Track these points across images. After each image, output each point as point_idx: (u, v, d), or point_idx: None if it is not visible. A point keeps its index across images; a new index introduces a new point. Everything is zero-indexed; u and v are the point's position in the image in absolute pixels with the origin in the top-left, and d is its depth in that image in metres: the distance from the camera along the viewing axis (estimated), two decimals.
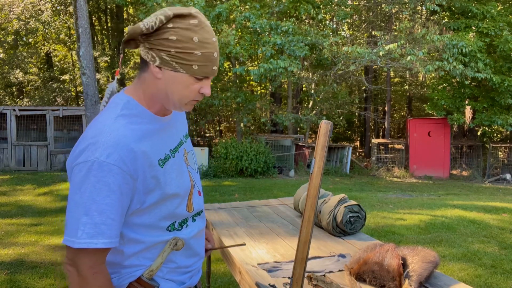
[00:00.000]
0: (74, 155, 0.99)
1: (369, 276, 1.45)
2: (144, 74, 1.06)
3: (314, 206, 1.21)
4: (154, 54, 1.00)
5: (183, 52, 0.98)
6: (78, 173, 0.96)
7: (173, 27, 0.98)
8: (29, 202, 6.72)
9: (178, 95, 1.04)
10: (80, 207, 0.95)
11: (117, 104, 1.05)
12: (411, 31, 11.47)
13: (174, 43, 0.98)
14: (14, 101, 20.17)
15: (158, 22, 0.97)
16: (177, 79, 1.02)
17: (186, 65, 1.00)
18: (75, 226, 0.95)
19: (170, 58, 0.99)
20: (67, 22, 18.97)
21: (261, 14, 11.52)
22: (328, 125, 1.23)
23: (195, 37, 0.99)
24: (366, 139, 18.99)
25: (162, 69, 1.01)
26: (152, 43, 1.00)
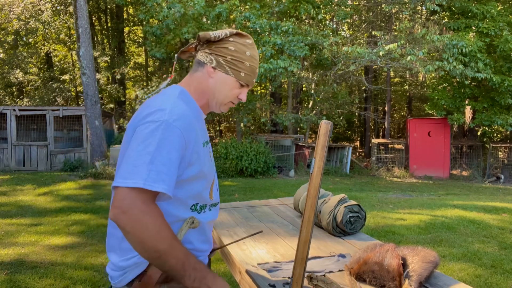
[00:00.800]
0: (140, 117, 1.15)
1: (369, 276, 1.45)
2: (198, 73, 1.28)
3: (314, 206, 1.21)
4: (212, 58, 1.25)
5: (236, 60, 1.25)
6: (144, 129, 1.10)
7: (233, 40, 1.25)
8: (29, 202, 6.72)
9: (222, 94, 1.28)
10: (144, 156, 1.06)
11: (173, 91, 1.25)
12: (411, 31, 11.47)
13: (231, 52, 1.24)
14: (14, 101, 20.16)
15: (223, 34, 1.24)
16: (226, 80, 1.26)
17: (236, 71, 1.25)
18: (137, 170, 1.04)
19: (226, 63, 1.25)
20: (67, 22, 18.96)
21: (261, 14, 11.52)
22: (328, 125, 1.23)
23: (247, 52, 1.26)
24: (366, 139, 18.99)
25: (216, 70, 1.26)
26: (213, 49, 1.25)
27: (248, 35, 1.28)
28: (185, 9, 10.56)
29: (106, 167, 9.57)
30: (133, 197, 1.04)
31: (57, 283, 3.42)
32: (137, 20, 18.36)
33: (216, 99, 1.28)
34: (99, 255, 4.15)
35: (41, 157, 11.17)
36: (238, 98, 1.30)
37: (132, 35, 22.57)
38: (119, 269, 1.20)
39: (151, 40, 13.34)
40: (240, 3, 11.57)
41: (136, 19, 18.40)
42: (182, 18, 10.84)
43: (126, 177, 1.04)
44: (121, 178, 1.05)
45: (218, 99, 1.28)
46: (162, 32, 11.62)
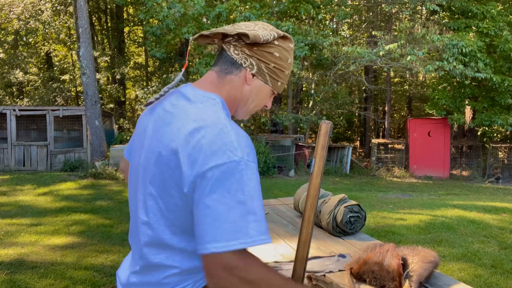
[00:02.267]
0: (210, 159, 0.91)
1: (369, 276, 1.45)
2: (232, 76, 1.08)
3: (314, 206, 1.21)
4: (253, 62, 1.07)
5: (279, 68, 1.09)
6: (221, 175, 0.90)
7: (279, 45, 1.08)
8: (29, 202, 6.72)
9: (255, 103, 1.13)
10: (237, 207, 0.89)
11: (215, 103, 1.03)
12: (411, 31, 11.47)
13: (276, 59, 1.08)
14: (14, 101, 20.17)
15: (272, 37, 1.06)
16: (263, 89, 1.11)
17: (275, 80, 1.11)
18: (237, 227, 0.88)
19: (267, 70, 1.08)
20: (67, 22, 18.96)
21: (261, 14, 11.52)
22: (328, 125, 1.23)
23: (290, 59, 1.12)
24: (366, 139, 18.99)
25: (255, 77, 1.09)
26: (255, 52, 1.06)
27: (291, 38, 1.12)
28: (185, 9, 10.56)
29: (106, 167, 9.57)
30: (233, 260, 0.89)
31: (57, 283, 3.42)
32: (137, 20, 18.36)
33: (247, 107, 1.13)
34: (99, 255, 4.16)
35: (41, 157, 11.17)
36: (264, 106, 1.16)
37: (132, 35, 22.58)
38: None
39: (151, 40, 13.34)
40: (240, 3, 11.57)
41: (136, 19, 18.40)
42: (182, 18, 10.84)
43: (229, 239, 0.88)
44: (223, 241, 0.88)
45: (249, 107, 1.13)
46: (162, 32, 11.62)
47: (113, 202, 6.85)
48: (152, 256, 1.04)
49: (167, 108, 1.05)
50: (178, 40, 13.20)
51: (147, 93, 14.61)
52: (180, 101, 1.04)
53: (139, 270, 1.08)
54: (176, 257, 1.03)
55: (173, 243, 1.02)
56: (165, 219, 1.01)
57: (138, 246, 1.08)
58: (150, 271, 1.06)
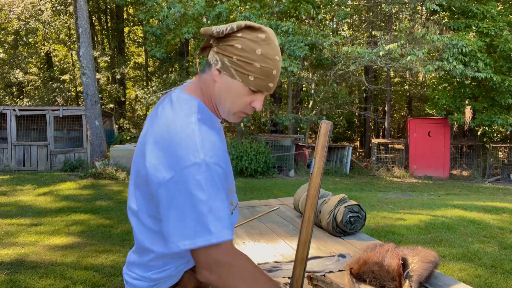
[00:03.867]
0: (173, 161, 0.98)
1: (369, 276, 1.45)
2: (205, 75, 1.10)
3: (314, 206, 1.21)
4: (218, 58, 1.06)
5: (243, 61, 1.03)
6: (184, 178, 0.96)
7: (241, 36, 1.03)
8: (29, 202, 6.72)
9: (229, 102, 1.08)
10: (199, 207, 0.96)
11: (191, 106, 1.07)
12: (411, 31, 11.47)
13: (238, 51, 1.03)
14: (14, 101, 20.17)
15: (229, 29, 1.03)
16: (232, 86, 1.06)
17: (243, 74, 1.04)
18: (201, 225, 0.95)
19: (231, 64, 1.04)
20: (67, 22, 18.97)
21: (261, 14, 11.52)
22: (328, 125, 1.24)
23: (258, 50, 1.03)
24: (366, 139, 18.99)
25: (221, 73, 1.06)
26: (220, 47, 1.05)
27: (262, 28, 1.05)
28: (185, 9, 10.56)
29: (106, 167, 9.57)
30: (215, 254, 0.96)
31: (57, 283, 3.42)
32: (137, 20, 18.36)
33: (223, 107, 1.10)
34: (99, 255, 4.16)
35: (41, 157, 11.17)
36: (251, 106, 1.09)
37: (132, 35, 22.58)
38: (150, 280, 1.16)
39: (151, 40, 13.34)
40: (240, 3, 11.57)
41: (136, 19, 18.40)
42: (182, 18, 10.84)
43: (194, 237, 0.95)
44: (189, 239, 0.95)
45: (225, 107, 1.09)
46: (162, 32, 11.62)
47: (113, 202, 6.85)
48: (141, 239, 1.13)
49: (158, 111, 1.12)
50: (178, 40, 13.21)
51: (147, 93, 14.61)
52: (167, 104, 1.11)
53: (135, 250, 1.19)
54: (159, 242, 1.11)
55: (156, 228, 1.10)
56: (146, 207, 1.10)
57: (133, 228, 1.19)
58: (141, 253, 1.16)
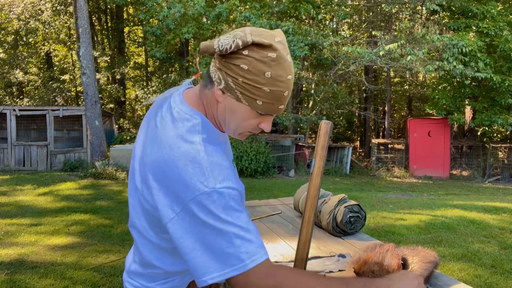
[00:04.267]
0: (179, 191, 0.90)
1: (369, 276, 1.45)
2: (207, 91, 0.99)
3: (314, 206, 1.21)
4: (221, 76, 0.94)
5: (250, 84, 0.91)
6: (198, 211, 0.89)
7: (248, 55, 0.90)
8: (29, 202, 6.72)
9: (234, 124, 0.99)
10: (218, 237, 0.88)
11: (194, 125, 0.97)
12: (411, 31, 11.47)
13: (244, 73, 0.90)
14: (14, 101, 20.17)
15: (234, 46, 0.89)
16: (238, 109, 0.95)
17: (250, 98, 0.93)
18: (226, 255, 0.88)
19: (236, 86, 0.92)
20: (67, 22, 18.97)
21: (261, 14, 11.52)
22: (328, 125, 1.23)
23: (267, 72, 0.90)
24: (366, 139, 18.99)
25: (225, 94, 0.95)
26: (222, 64, 0.93)
27: (272, 45, 0.90)
28: (185, 9, 10.56)
29: (106, 167, 9.57)
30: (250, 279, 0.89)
31: (57, 283, 3.42)
32: (137, 20, 18.37)
33: (227, 127, 1.01)
34: (99, 255, 4.16)
35: (41, 157, 11.17)
36: (258, 127, 1.00)
37: (132, 35, 22.59)
38: None
39: (151, 40, 13.35)
40: (240, 3, 11.57)
41: (136, 19, 18.41)
42: (182, 18, 10.85)
43: (223, 268, 0.88)
44: (217, 271, 0.88)
45: (230, 128, 1.00)
46: (162, 32, 11.63)
47: (113, 202, 6.85)
48: (145, 254, 1.09)
49: (158, 122, 1.02)
50: (178, 40, 13.21)
51: (147, 93, 14.61)
52: (167, 116, 1.01)
53: (138, 263, 1.14)
54: (165, 259, 1.07)
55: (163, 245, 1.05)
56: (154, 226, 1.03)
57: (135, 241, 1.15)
58: (145, 266, 1.12)
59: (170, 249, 1.05)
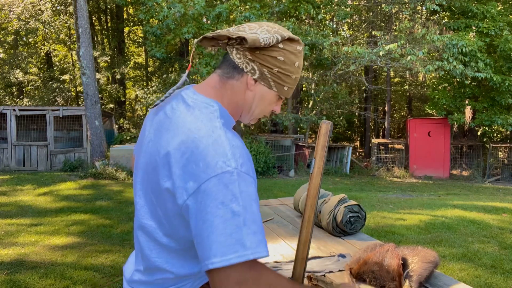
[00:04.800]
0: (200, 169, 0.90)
1: (369, 276, 1.45)
2: (233, 81, 1.04)
3: (314, 206, 1.21)
4: (255, 67, 1.02)
5: (283, 73, 1.03)
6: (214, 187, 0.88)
7: (283, 48, 1.02)
8: (29, 202, 6.72)
9: (260, 109, 1.08)
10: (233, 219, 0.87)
11: (212, 111, 1.00)
12: (411, 31, 11.47)
13: (280, 63, 1.02)
14: (14, 101, 20.17)
15: (275, 40, 1.00)
16: (267, 95, 1.06)
17: (280, 85, 1.05)
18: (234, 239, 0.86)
19: (271, 75, 1.03)
20: (67, 22, 18.97)
21: (261, 14, 11.52)
22: (328, 125, 1.24)
23: (297, 62, 1.05)
24: (366, 139, 18.99)
25: (257, 83, 1.04)
26: (257, 56, 1.02)
27: (299, 40, 1.06)
28: (185, 9, 10.56)
29: (106, 167, 9.57)
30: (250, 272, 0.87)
31: (57, 283, 3.42)
32: (137, 20, 18.36)
33: (251, 113, 1.09)
34: (99, 255, 4.16)
35: (41, 157, 11.17)
36: (272, 110, 1.12)
37: (132, 35, 22.59)
38: None
39: (151, 40, 13.34)
40: (240, 3, 11.57)
41: (136, 19, 18.40)
42: (182, 18, 10.84)
43: (226, 253, 0.85)
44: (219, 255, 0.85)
45: (254, 113, 1.09)
46: (162, 32, 11.62)
47: (113, 202, 6.85)
48: (153, 258, 1.05)
49: (168, 112, 1.04)
50: (178, 40, 13.21)
51: (147, 93, 14.61)
52: (179, 105, 1.03)
53: (143, 270, 1.10)
54: (174, 262, 1.05)
55: (172, 246, 1.03)
56: (162, 226, 1.02)
57: (140, 246, 1.10)
58: (151, 272, 1.08)
59: (179, 250, 1.04)
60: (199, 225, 0.88)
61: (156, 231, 1.03)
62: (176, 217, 0.97)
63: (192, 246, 1.01)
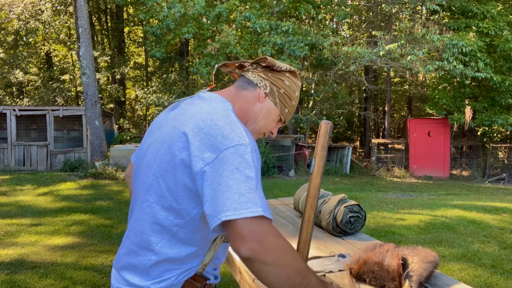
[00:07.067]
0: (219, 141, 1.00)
1: (369, 276, 1.45)
2: (247, 92, 1.22)
3: (314, 206, 1.21)
4: (267, 84, 1.22)
5: (287, 96, 1.24)
6: (231, 155, 0.98)
7: (289, 76, 1.25)
8: (29, 202, 6.72)
9: (264, 123, 1.23)
10: (247, 182, 0.95)
11: (227, 105, 1.13)
12: (411, 31, 11.47)
13: (286, 87, 1.23)
14: (14, 101, 20.17)
15: (284, 68, 1.24)
16: (272, 111, 1.23)
17: (283, 105, 1.24)
18: (248, 198, 0.93)
19: (278, 94, 1.23)
20: (67, 22, 18.97)
21: (261, 14, 11.52)
22: (328, 125, 1.24)
23: (297, 92, 1.27)
24: (366, 139, 18.99)
25: (267, 97, 1.22)
26: (269, 76, 1.23)
27: (299, 77, 1.30)
28: (185, 9, 10.56)
29: (106, 167, 9.57)
30: (261, 225, 0.93)
31: (57, 283, 3.42)
32: (137, 20, 18.36)
33: (255, 125, 1.22)
34: (99, 255, 4.16)
35: (41, 157, 11.17)
36: (270, 132, 1.27)
37: (132, 35, 22.58)
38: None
39: (151, 40, 13.34)
40: (240, 3, 11.57)
41: (136, 19, 18.40)
42: (182, 18, 10.84)
43: (238, 208, 0.92)
44: (232, 210, 0.92)
45: (257, 126, 1.23)
46: (162, 32, 11.62)
47: (113, 202, 6.85)
48: (146, 235, 1.09)
49: (183, 106, 1.17)
50: (178, 40, 13.21)
51: (147, 93, 14.61)
52: (195, 100, 1.16)
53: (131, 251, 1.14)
54: (165, 242, 1.08)
55: (167, 224, 1.07)
56: (163, 199, 1.07)
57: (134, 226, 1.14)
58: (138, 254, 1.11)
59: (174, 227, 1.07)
60: (214, 187, 0.96)
61: (153, 205, 1.08)
62: (182, 189, 1.04)
63: (189, 221, 1.06)
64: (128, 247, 1.15)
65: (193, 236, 1.09)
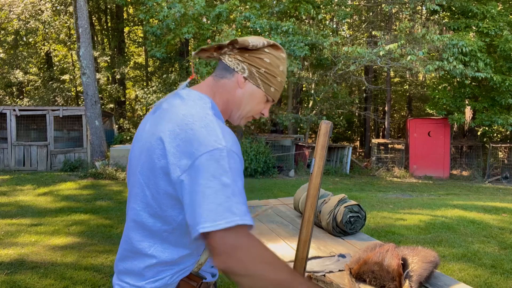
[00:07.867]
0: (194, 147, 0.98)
1: (369, 276, 1.45)
2: (225, 80, 1.17)
3: (314, 206, 1.21)
4: (245, 67, 1.15)
5: (270, 74, 1.16)
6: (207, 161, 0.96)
7: (269, 52, 1.17)
8: (29, 202, 6.72)
9: (248, 107, 1.18)
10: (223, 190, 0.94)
11: (205, 103, 1.11)
12: (411, 31, 11.46)
13: (266, 65, 1.16)
14: (14, 101, 20.16)
15: (261, 44, 1.15)
16: (255, 93, 1.17)
17: (267, 85, 1.17)
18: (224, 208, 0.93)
19: (258, 75, 1.16)
20: (67, 22, 18.97)
21: (261, 14, 11.52)
22: (328, 125, 1.24)
23: (281, 66, 1.19)
24: (366, 139, 18.99)
25: (246, 81, 1.16)
26: (246, 57, 1.15)
27: (282, 48, 1.20)
28: (185, 9, 10.56)
29: (106, 167, 9.57)
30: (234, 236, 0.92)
31: (57, 283, 3.42)
32: (137, 20, 18.37)
33: (240, 111, 1.19)
34: (99, 255, 4.16)
35: (41, 157, 11.17)
36: (260, 113, 1.22)
37: (132, 35, 22.58)
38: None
39: (151, 40, 13.34)
40: (240, 3, 11.57)
41: (136, 19, 18.41)
42: (182, 18, 10.84)
43: (215, 219, 0.92)
44: (210, 221, 0.91)
45: (243, 112, 1.19)
46: (162, 32, 11.62)
47: (113, 202, 6.85)
48: (136, 242, 1.11)
49: (164, 106, 1.14)
50: (178, 40, 13.20)
51: (147, 93, 14.61)
52: (175, 100, 1.13)
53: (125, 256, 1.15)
54: (157, 246, 1.10)
55: (156, 229, 1.08)
56: (149, 207, 1.07)
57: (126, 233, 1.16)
58: (132, 259, 1.13)
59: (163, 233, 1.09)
60: (192, 196, 0.96)
61: (140, 213, 1.09)
62: (165, 196, 1.04)
63: (176, 227, 1.07)
64: (121, 253, 1.17)
65: (183, 240, 1.10)
